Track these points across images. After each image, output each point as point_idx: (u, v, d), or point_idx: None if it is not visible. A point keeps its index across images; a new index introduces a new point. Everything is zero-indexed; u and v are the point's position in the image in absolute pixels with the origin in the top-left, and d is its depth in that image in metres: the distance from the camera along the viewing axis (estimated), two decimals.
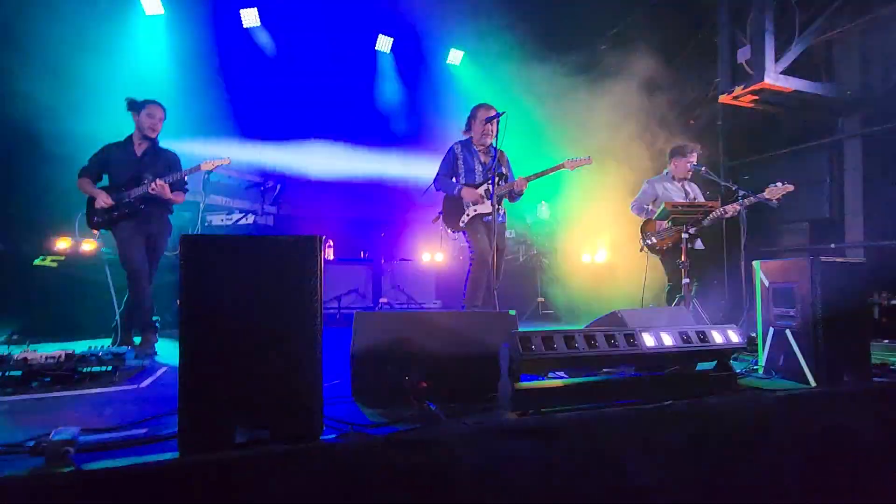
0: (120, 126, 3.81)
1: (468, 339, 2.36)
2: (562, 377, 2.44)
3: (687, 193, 4.52)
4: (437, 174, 3.99)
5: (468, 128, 3.98)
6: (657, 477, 1.81)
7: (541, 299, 6.45)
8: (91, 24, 5.88)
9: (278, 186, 6.59)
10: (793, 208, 5.90)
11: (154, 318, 3.62)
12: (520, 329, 2.32)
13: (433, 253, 6.39)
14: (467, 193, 3.81)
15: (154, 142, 3.72)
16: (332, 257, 6.05)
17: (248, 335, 1.62)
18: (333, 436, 1.67)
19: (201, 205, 5.27)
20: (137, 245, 3.53)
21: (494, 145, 3.68)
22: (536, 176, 3.85)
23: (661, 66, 6.71)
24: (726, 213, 4.11)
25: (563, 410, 1.99)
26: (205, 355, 1.59)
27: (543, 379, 2.39)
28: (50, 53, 5.54)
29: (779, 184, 3.91)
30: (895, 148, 5.16)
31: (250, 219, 5.79)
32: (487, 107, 3.88)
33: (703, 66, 6.63)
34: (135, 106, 3.67)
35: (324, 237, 1.73)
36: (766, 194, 3.93)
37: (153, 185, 3.50)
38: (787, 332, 2.70)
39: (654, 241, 4.35)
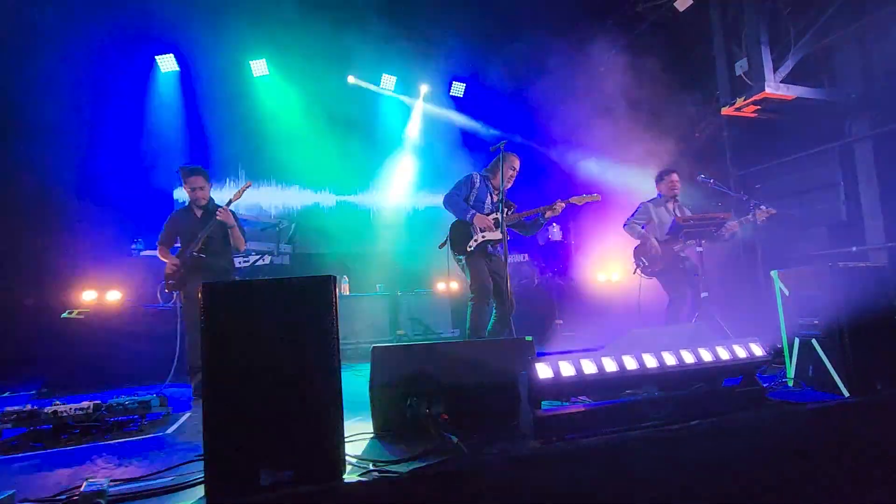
0: (145, 182, 3.99)
1: (486, 367, 2.36)
2: (583, 401, 2.41)
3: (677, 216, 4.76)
4: (451, 194, 3.95)
5: (492, 168, 4.02)
6: (688, 501, 1.76)
7: (559, 321, 6.38)
8: (110, 82, 6.23)
9: (293, 226, 6.73)
10: (808, 213, 5.82)
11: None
12: (539, 353, 2.32)
13: (448, 282, 6.41)
14: (480, 220, 3.83)
15: (209, 200, 3.92)
16: (348, 292, 6.10)
17: (269, 378, 1.65)
18: (356, 474, 1.67)
19: None
20: (197, 303, 3.65)
21: (503, 186, 3.84)
22: (544, 210, 3.89)
23: (662, 82, 6.78)
24: (733, 230, 4.32)
25: (586, 436, 1.96)
26: (227, 400, 1.62)
27: (565, 404, 2.37)
28: (74, 113, 5.86)
29: (763, 207, 4.25)
30: None
31: (267, 259, 5.91)
32: (515, 155, 3.99)
33: (703, 79, 6.69)
34: (180, 178, 3.90)
35: (336, 276, 1.77)
36: (754, 215, 4.26)
37: (219, 211, 3.72)
38: (814, 341, 2.64)
39: (647, 263, 4.48)
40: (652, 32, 6.83)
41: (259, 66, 6.99)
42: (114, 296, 4.75)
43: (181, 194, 4.03)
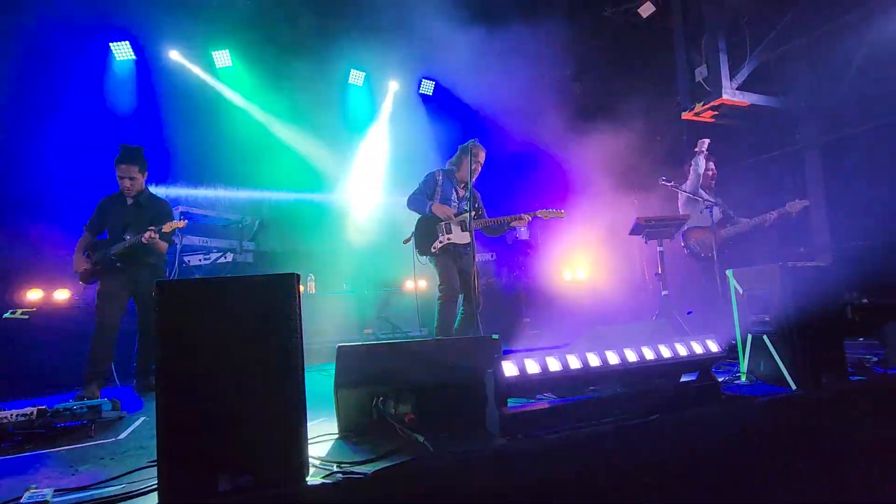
0: (94, 175, 3.80)
1: (453, 366, 2.36)
2: (549, 398, 2.45)
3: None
4: (414, 194, 3.94)
5: (456, 160, 3.98)
6: (649, 493, 1.81)
7: (526, 320, 6.46)
8: (59, 71, 5.89)
9: (257, 222, 6.54)
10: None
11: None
12: (505, 351, 2.33)
13: (416, 280, 6.39)
14: (438, 209, 3.80)
15: (141, 192, 3.67)
16: (314, 291, 5.99)
17: (227, 379, 1.59)
18: (320, 477, 1.64)
19: (178, 246, 5.21)
20: (114, 301, 3.49)
21: (471, 181, 3.81)
22: (510, 219, 3.87)
23: (627, 87, 6.95)
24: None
25: (551, 432, 1.98)
26: (183, 402, 1.55)
27: (531, 402, 2.39)
28: (20, 102, 5.52)
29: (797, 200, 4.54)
30: (852, 155, 5.42)
31: (229, 257, 5.72)
32: (481, 146, 3.93)
33: (664, 85, 6.90)
34: (115, 162, 3.57)
35: (300, 274, 1.73)
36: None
37: (145, 235, 3.39)
38: (765, 337, 2.77)
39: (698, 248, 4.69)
40: (618, 37, 6.99)
41: (222, 57, 6.75)
42: (61, 295, 4.50)
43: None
